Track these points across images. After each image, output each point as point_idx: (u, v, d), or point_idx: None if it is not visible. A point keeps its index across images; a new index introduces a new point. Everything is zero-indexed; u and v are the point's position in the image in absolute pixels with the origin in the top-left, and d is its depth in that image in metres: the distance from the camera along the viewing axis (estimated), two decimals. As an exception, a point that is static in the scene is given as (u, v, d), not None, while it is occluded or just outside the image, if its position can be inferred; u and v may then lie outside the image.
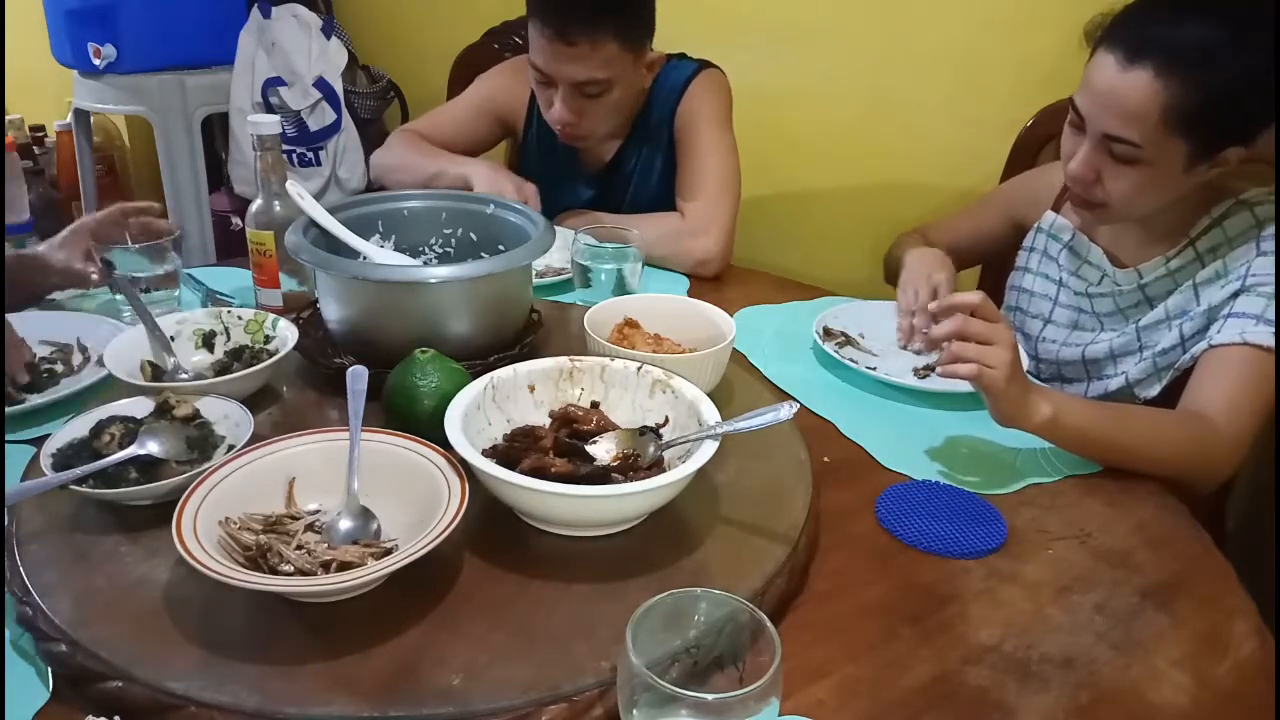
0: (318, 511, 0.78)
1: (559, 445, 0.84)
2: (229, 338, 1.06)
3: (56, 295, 1.23)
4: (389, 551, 0.72)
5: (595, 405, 0.91)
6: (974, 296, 0.94)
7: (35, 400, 0.99)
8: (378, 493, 0.77)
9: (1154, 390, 1.13)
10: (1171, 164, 1.02)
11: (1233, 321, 1.03)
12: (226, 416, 0.88)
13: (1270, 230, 1.05)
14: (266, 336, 1.06)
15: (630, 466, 0.83)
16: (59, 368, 1.06)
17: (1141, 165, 1.03)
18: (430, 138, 1.64)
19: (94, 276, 1.15)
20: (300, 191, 1.10)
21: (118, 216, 1.20)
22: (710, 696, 0.52)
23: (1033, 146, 1.48)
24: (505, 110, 1.66)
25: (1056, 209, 1.28)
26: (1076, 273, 1.25)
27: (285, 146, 2.01)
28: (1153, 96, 0.98)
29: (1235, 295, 1.05)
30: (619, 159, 1.61)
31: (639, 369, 0.91)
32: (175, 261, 1.22)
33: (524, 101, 1.64)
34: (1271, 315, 1.01)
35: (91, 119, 2.81)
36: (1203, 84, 0.97)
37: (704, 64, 1.57)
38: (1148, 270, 1.15)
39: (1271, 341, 1.00)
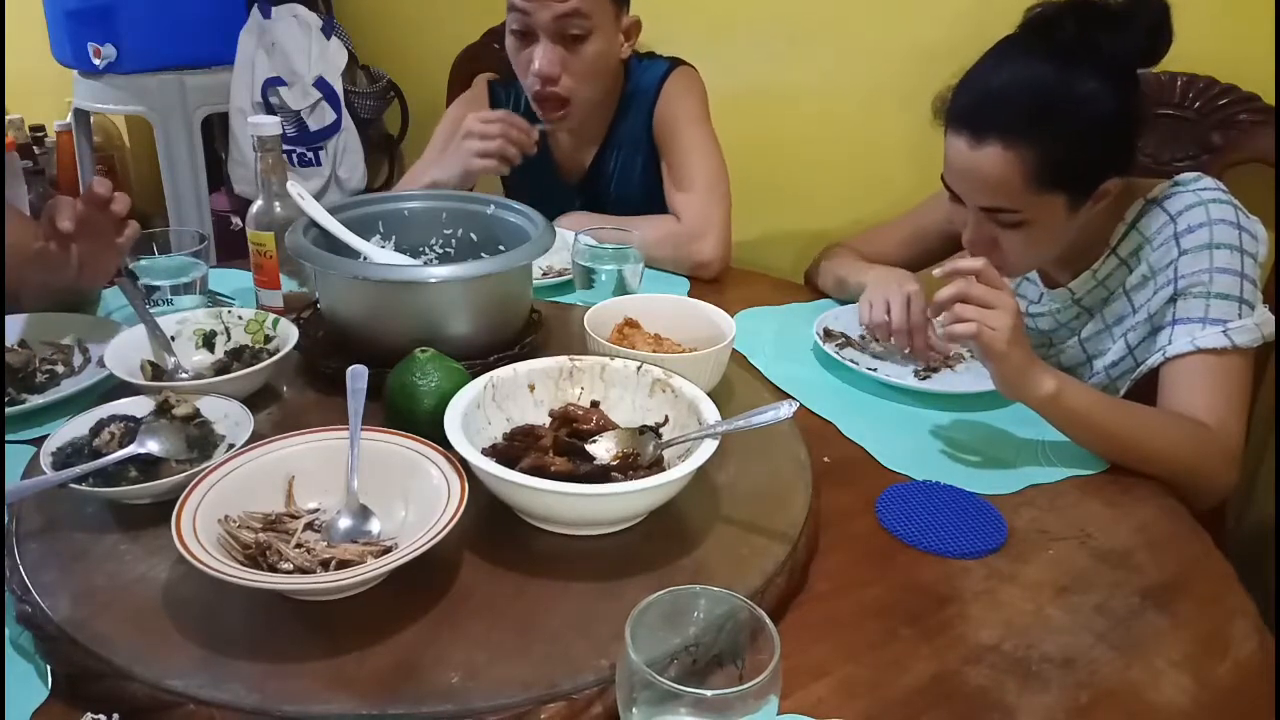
0: (317, 510, 0.78)
1: (559, 444, 0.84)
2: (229, 338, 1.06)
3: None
4: (388, 550, 0.72)
5: (595, 404, 0.91)
6: (977, 262, 0.96)
7: (35, 400, 0.99)
8: (377, 492, 0.77)
9: None
10: (1055, 214, 1.05)
11: (1180, 330, 1.04)
12: (226, 416, 0.88)
13: (1184, 225, 1.06)
14: (267, 336, 1.06)
15: (630, 465, 0.83)
16: (59, 368, 1.06)
17: (1026, 225, 1.05)
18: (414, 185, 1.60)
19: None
20: (300, 192, 1.10)
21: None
22: (709, 693, 0.52)
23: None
24: None
25: None
26: (1017, 290, 1.26)
27: (285, 146, 2.01)
28: (1009, 165, 1.01)
29: (1172, 300, 1.06)
30: (598, 164, 1.60)
31: (639, 368, 0.91)
32: (201, 269, 1.22)
33: None
34: (1215, 315, 1.02)
35: (91, 119, 2.81)
36: (1048, 138, 0.99)
37: (675, 62, 1.55)
38: (1079, 286, 1.18)
39: (1222, 342, 1.01)
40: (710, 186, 1.48)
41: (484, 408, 0.86)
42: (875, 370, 1.15)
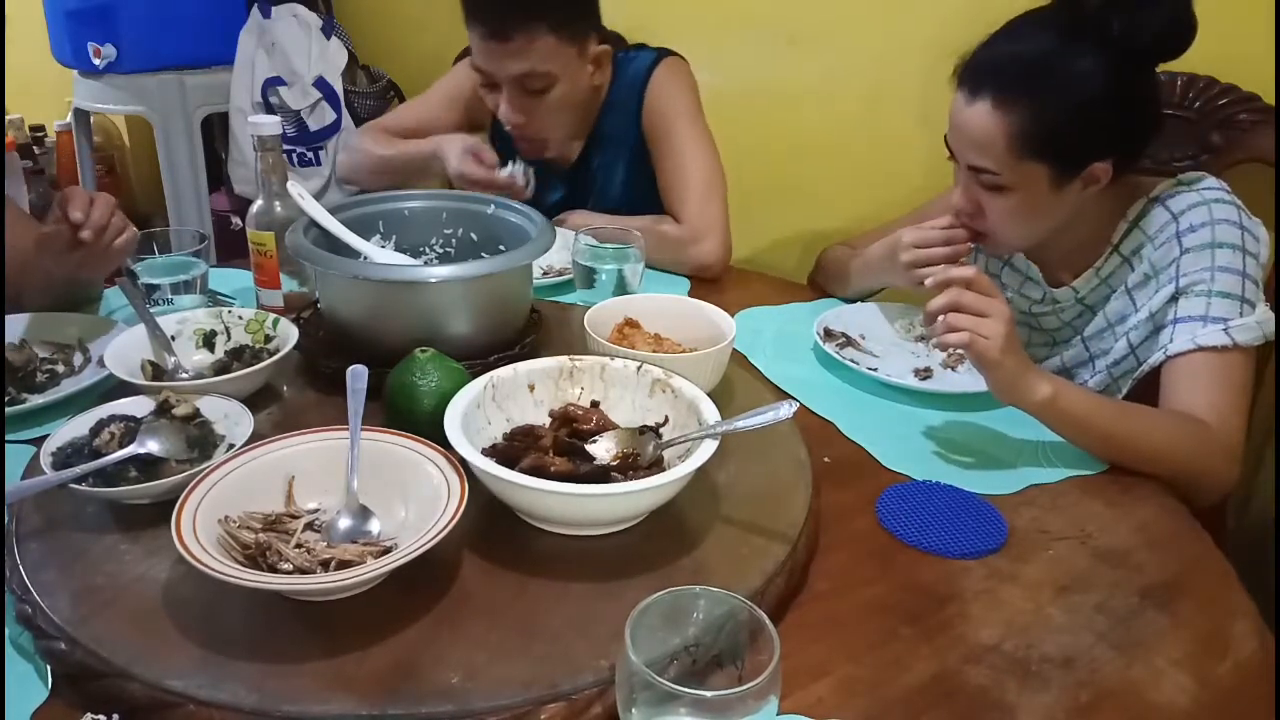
0: (317, 510, 0.78)
1: (559, 444, 0.84)
2: (229, 337, 1.06)
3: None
4: (388, 550, 0.72)
5: (595, 404, 0.91)
6: (969, 270, 0.96)
7: (35, 400, 0.99)
8: (377, 492, 0.77)
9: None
10: (1036, 186, 1.05)
11: (1181, 328, 1.04)
12: (226, 416, 0.88)
13: (1187, 224, 1.07)
14: (267, 336, 1.06)
15: (630, 465, 0.83)
16: (59, 368, 1.06)
17: (1009, 191, 1.06)
18: (399, 131, 1.62)
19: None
20: (301, 192, 1.10)
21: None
22: (709, 694, 0.52)
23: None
24: (475, 101, 1.59)
25: None
26: (1020, 290, 1.26)
27: (285, 146, 2.01)
28: (995, 125, 1.02)
29: (1174, 299, 1.06)
30: (585, 156, 1.59)
31: (639, 368, 0.91)
32: (201, 268, 1.22)
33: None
34: (1216, 313, 1.02)
35: (91, 119, 2.81)
36: (1037, 106, 1.00)
37: (663, 52, 1.53)
38: (1082, 284, 1.18)
39: (1223, 340, 1.01)
40: (708, 186, 1.47)
41: (484, 408, 0.86)
42: (875, 370, 1.15)
